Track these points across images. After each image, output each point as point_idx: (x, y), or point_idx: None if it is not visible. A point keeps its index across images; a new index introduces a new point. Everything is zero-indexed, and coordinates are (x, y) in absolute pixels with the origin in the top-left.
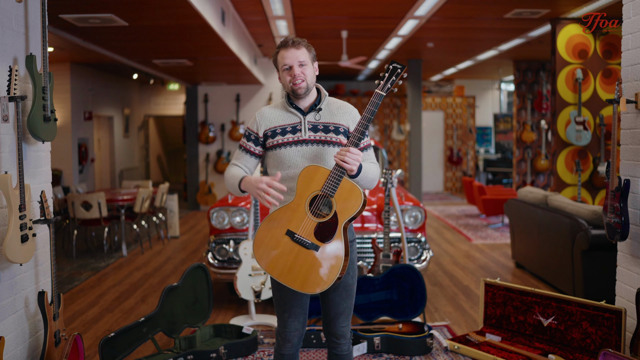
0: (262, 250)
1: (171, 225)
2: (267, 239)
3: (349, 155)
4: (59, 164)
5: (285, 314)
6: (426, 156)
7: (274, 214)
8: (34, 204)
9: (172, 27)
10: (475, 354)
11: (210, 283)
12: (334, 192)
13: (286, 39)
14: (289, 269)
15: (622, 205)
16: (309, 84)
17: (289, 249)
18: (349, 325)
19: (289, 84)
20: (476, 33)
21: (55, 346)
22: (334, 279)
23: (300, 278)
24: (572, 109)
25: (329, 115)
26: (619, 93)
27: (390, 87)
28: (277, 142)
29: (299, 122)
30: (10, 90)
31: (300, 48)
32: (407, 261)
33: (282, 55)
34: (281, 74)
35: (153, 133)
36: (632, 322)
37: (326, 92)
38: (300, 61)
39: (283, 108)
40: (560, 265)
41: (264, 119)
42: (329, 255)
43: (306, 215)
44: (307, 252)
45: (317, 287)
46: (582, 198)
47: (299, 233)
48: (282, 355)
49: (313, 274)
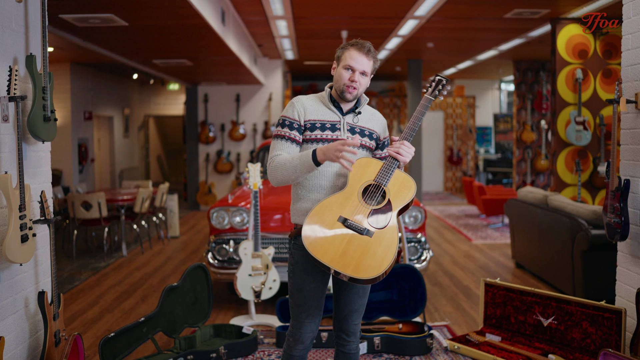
0: (312, 237)
1: (171, 225)
2: (318, 226)
3: (403, 148)
4: (59, 164)
5: (303, 315)
6: (426, 156)
7: (323, 203)
8: (34, 204)
9: (172, 27)
10: (475, 354)
11: (210, 283)
12: (387, 181)
13: (364, 43)
14: (341, 254)
15: (622, 205)
16: (360, 93)
17: (341, 235)
18: (360, 324)
19: (343, 84)
20: (476, 33)
21: (55, 346)
22: (388, 264)
23: (353, 263)
24: (572, 109)
25: (365, 120)
26: (619, 93)
27: (437, 93)
28: (316, 137)
29: (338, 121)
30: (10, 90)
31: (370, 58)
32: (407, 261)
33: (352, 55)
34: (340, 69)
35: (153, 133)
36: (632, 322)
37: (367, 98)
38: (364, 70)
39: (323, 103)
40: (560, 265)
41: (304, 108)
42: (383, 241)
43: (359, 203)
44: (360, 238)
45: (372, 271)
46: (582, 198)
47: (352, 219)
48: (293, 357)
49: (367, 258)
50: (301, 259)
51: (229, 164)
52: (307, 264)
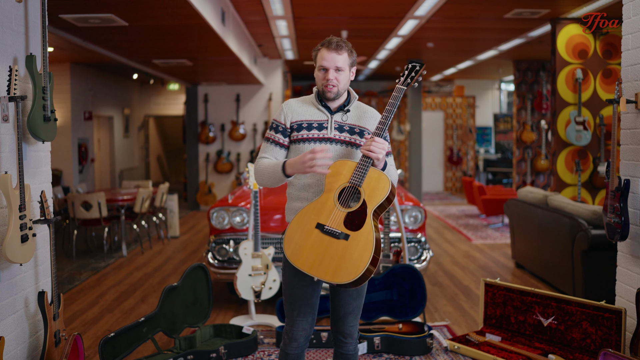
0: (292, 246)
1: (171, 225)
2: (298, 234)
3: (374, 145)
4: (59, 164)
5: (295, 313)
6: (426, 156)
7: (303, 210)
8: (34, 204)
9: (172, 27)
10: (475, 354)
11: (210, 283)
12: (361, 182)
13: (331, 39)
14: (319, 261)
15: (622, 205)
16: (341, 89)
17: (319, 241)
18: (357, 325)
19: (321, 85)
20: (476, 33)
21: (55, 346)
22: (364, 266)
23: (332, 268)
24: (572, 109)
25: (355, 118)
26: (619, 93)
27: (410, 82)
28: (302, 137)
29: (326, 119)
30: (10, 90)
31: (342, 53)
32: (407, 261)
33: (322, 55)
34: (316, 71)
35: (153, 133)
36: (632, 322)
37: (356, 95)
38: (337, 66)
39: (311, 104)
40: (560, 265)
41: (291, 110)
42: (359, 243)
43: (335, 207)
44: (337, 242)
45: (350, 275)
46: (582, 198)
47: (328, 224)
48: (288, 355)
49: (344, 263)
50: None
51: (229, 164)
52: None
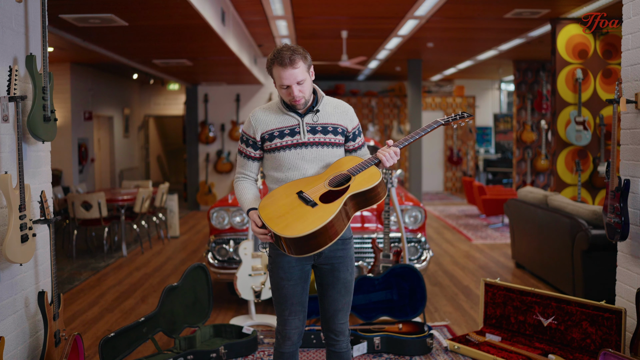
0: (268, 200)
1: (171, 225)
2: (279, 193)
3: (391, 154)
4: (59, 164)
5: (286, 312)
6: (426, 156)
7: (298, 180)
8: (34, 204)
9: (172, 27)
10: (475, 354)
11: (210, 283)
12: (357, 173)
13: (282, 55)
14: (279, 216)
15: (622, 205)
16: (307, 97)
17: (290, 202)
18: (347, 322)
19: (288, 100)
20: (476, 33)
21: (55, 346)
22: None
23: (284, 223)
24: (572, 109)
25: (326, 116)
26: (619, 93)
27: (450, 121)
28: (276, 145)
29: (297, 124)
30: (10, 90)
31: (297, 65)
32: (407, 261)
33: (278, 73)
34: (277, 87)
35: (153, 133)
36: (632, 322)
37: (322, 93)
38: (298, 81)
39: (279, 110)
40: (560, 265)
41: (259, 122)
42: (318, 212)
43: (322, 183)
44: (303, 207)
45: (294, 232)
46: (582, 198)
47: (307, 193)
48: (282, 354)
49: (298, 223)
50: (277, 258)
51: (229, 164)
52: (282, 262)
